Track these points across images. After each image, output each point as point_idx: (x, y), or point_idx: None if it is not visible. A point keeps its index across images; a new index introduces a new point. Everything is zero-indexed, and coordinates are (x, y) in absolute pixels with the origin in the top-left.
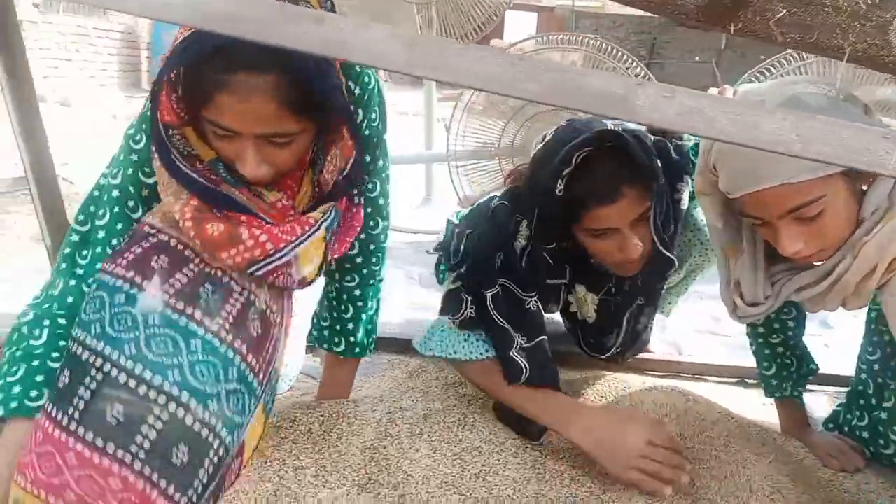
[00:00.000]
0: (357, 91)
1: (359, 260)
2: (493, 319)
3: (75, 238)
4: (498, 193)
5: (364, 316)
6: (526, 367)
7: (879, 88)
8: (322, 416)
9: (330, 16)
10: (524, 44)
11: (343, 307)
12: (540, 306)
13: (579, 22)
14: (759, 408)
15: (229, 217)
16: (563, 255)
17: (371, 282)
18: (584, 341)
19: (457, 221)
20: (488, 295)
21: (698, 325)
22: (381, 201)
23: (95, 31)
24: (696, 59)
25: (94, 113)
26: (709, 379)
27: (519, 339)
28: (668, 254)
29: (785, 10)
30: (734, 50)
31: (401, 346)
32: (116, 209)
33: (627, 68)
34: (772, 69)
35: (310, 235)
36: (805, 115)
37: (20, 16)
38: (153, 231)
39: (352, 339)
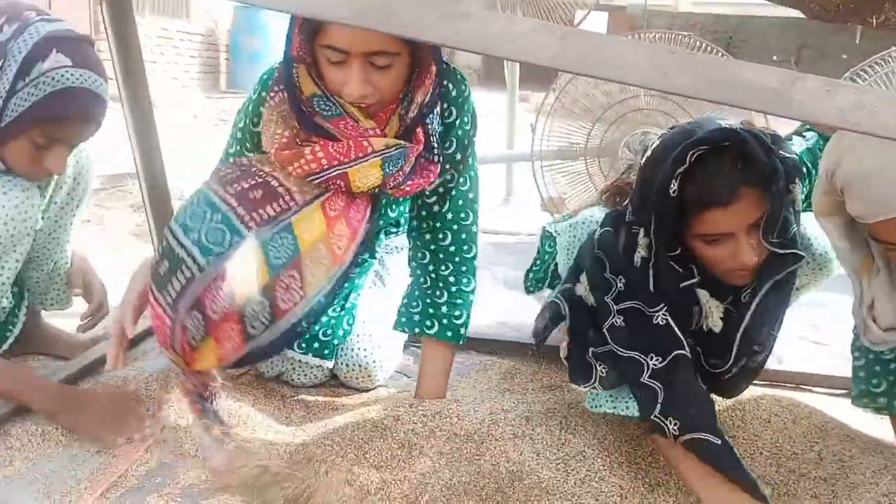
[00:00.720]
0: (454, 93)
1: (452, 248)
2: (616, 352)
3: None
4: (593, 216)
5: (458, 301)
6: (660, 390)
7: None
8: (425, 415)
9: (476, 12)
10: None
11: (438, 292)
12: (670, 320)
13: (652, 21)
14: (869, 421)
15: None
16: (686, 259)
17: (464, 269)
18: (705, 359)
19: (553, 231)
20: (605, 328)
21: (797, 332)
22: (471, 195)
23: (178, 34)
24: (774, 58)
25: (176, 114)
26: (814, 389)
27: (650, 362)
28: (793, 251)
29: None
30: (814, 49)
31: (492, 346)
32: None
33: None
34: (861, 74)
35: (361, 160)
36: None
37: (106, 16)
38: (261, 173)
39: (444, 321)
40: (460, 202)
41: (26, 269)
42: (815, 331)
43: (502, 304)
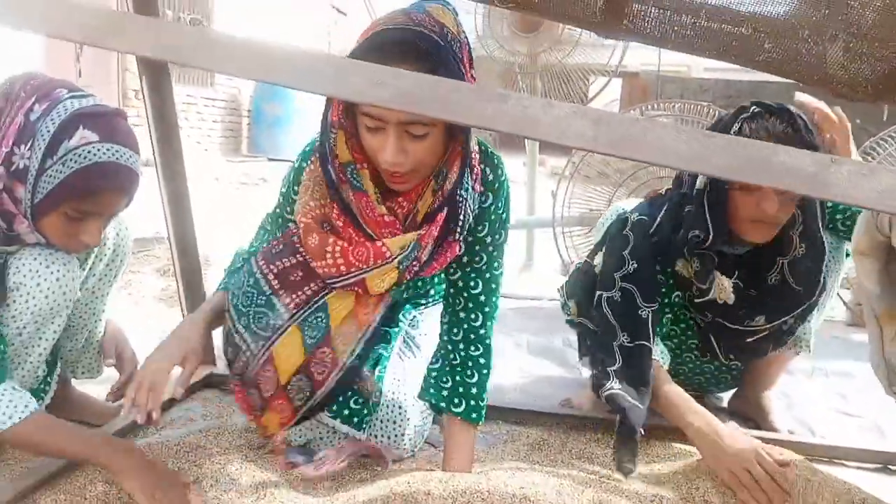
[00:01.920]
0: (491, 177)
1: (482, 331)
2: (605, 315)
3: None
4: (622, 206)
5: (484, 382)
6: (620, 359)
7: None
8: (455, 490)
9: (514, 94)
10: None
11: (469, 373)
12: (651, 317)
13: (664, 87)
14: None
15: (331, 227)
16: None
17: (490, 351)
18: (724, 326)
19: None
20: (605, 296)
21: (826, 403)
22: (500, 280)
23: (202, 100)
24: None
25: (198, 176)
26: (848, 464)
27: (622, 337)
28: (819, 235)
29: None
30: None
31: (519, 416)
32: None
33: None
34: (881, 143)
35: (378, 267)
36: None
37: (136, 85)
38: (301, 251)
39: (472, 402)
40: (493, 285)
41: (61, 338)
42: (844, 401)
43: (525, 371)
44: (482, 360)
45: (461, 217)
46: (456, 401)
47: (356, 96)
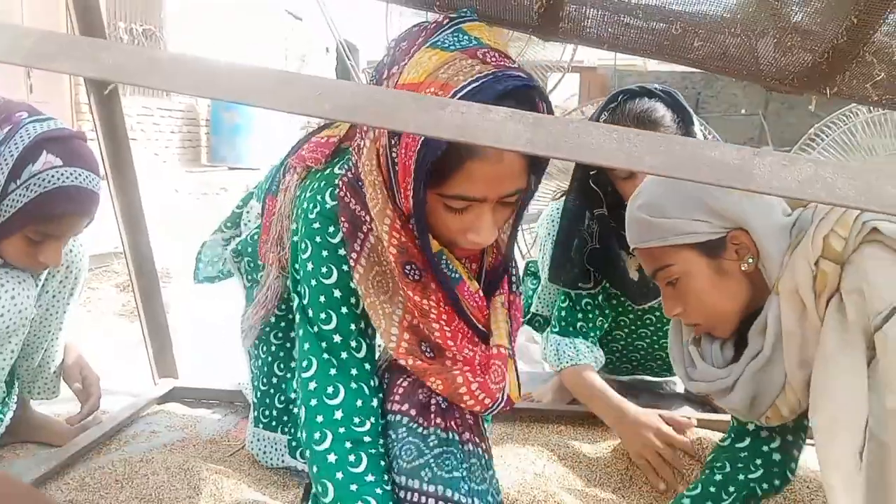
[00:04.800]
0: None
1: None
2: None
3: (316, 344)
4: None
5: None
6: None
7: None
8: None
9: (452, 101)
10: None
11: None
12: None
13: (622, 81)
14: None
15: (435, 353)
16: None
17: None
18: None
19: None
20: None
21: None
22: None
23: (159, 111)
24: (743, 111)
25: (157, 188)
26: None
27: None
28: None
29: (884, 74)
30: (781, 102)
31: None
32: (345, 310)
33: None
34: (825, 130)
35: (510, 369)
36: None
37: (93, 104)
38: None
39: None
40: None
41: (17, 358)
42: None
43: None
44: None
45: (514, 266)
46: None
47: (298, 108)
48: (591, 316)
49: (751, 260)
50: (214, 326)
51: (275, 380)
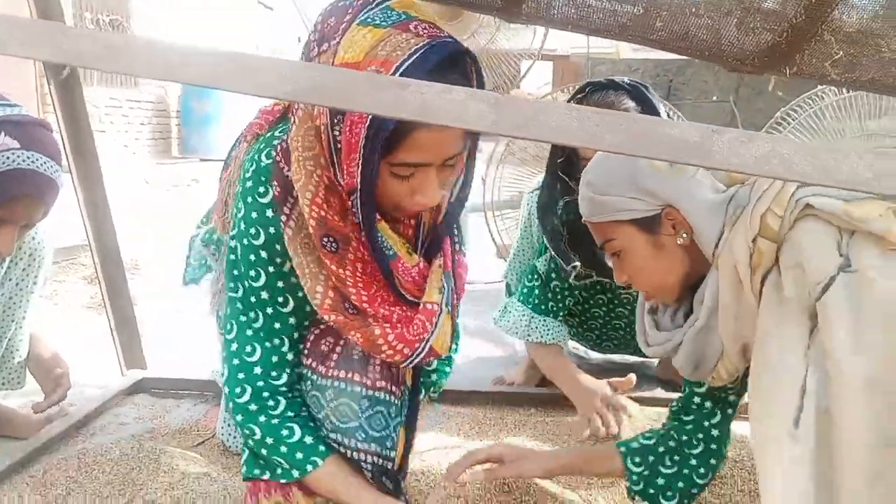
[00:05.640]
0: None
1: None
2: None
3: (237, 305)
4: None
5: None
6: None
7: None
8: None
9: (413, 81)
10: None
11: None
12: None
13: (595, 68)
14: None
15: (357, 311)
16: None
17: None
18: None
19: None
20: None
21: None
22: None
23: (128, 102)
24: (714, 98)
25: (127, 180)
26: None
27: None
28: None
29: (842, 52)
30: (752, 88)
31: (454, 397)
32: (272, 268)
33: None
34: (791, 114)
35: (437, 325)
36: (881, 152)
37: (53, 92)
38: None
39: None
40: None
41: None
42: None
43: (461, 353)
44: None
45: (457, 227)
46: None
47: (258, 91)
48: (559, 297)
49: (685, 235)
50: (186, 317)
51: None
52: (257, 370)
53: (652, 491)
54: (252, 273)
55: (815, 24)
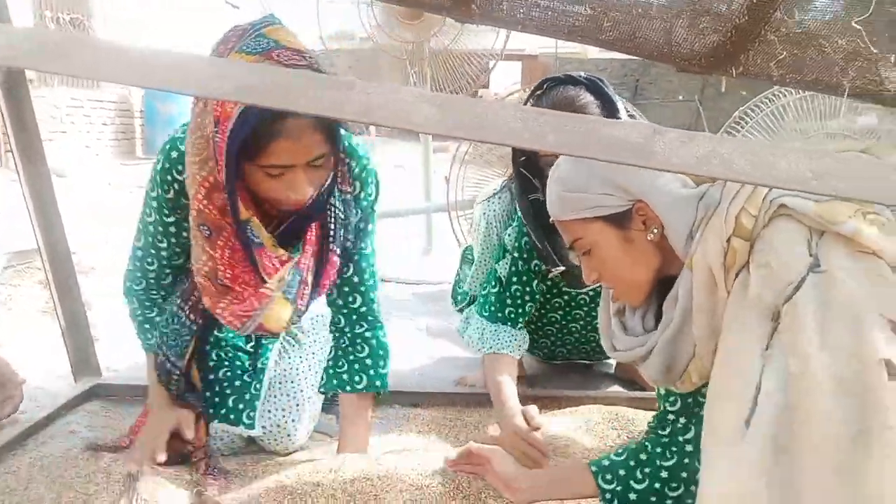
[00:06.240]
0: (357, 169)
1: (363, 309)
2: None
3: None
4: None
5: (380, 352)
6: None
7: (860, 117)
8: (345, 480)
9: (359, 81)
10: (514, 95)
11: (359, 348)
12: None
13: (563, 68)
14: None
15: (224, 280)
16: None
17: (377, 325)
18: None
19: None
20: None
21: None
22: (372, 258)
23: (90, 103)
24: (680, 97)
25: (90, 182)
26: None
27: None
28: None
29: (786, 53)
30: (717, 88)
31: (415, 398)
32: (150, 238)
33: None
34: (759, 106)
35: (266, 308)
36: (819, 152)
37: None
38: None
39: (371, 372)
40: (364, 265)
41: None
42: None
43: (425, 353)
44: (369, 334)
45: (332, 227)
46: (357, 378)
47: (199, 91)
48: (519, 302)
49: (655, 230)
50: None
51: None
52: (151, 274)
53: None
54: (160, 232)
55: (757, 24)
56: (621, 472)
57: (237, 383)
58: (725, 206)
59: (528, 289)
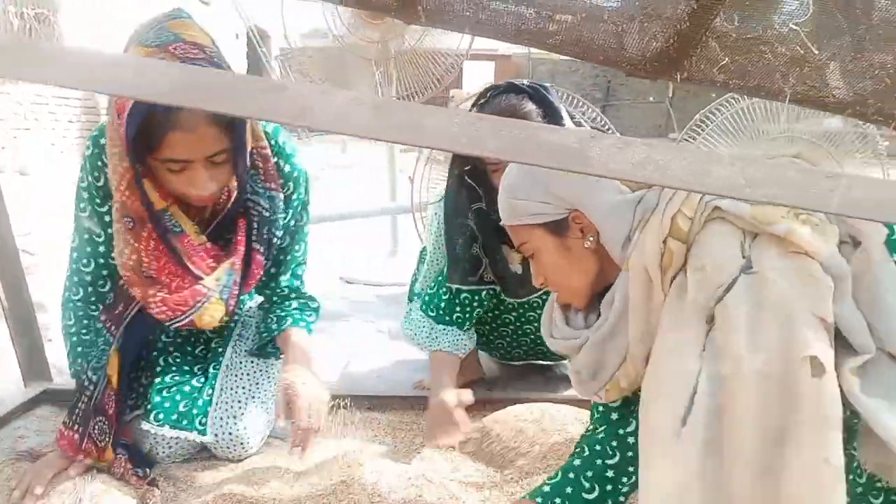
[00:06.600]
0: (287, 168)
1: (293, 295)
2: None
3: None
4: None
5: (307, 311)
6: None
7: (826, 119)
8: (298, 495)
9: (292, 84)
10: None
11: (287, 303)
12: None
13: (536, 69)
14: None
15: (151, 272)
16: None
17: (307, 311)
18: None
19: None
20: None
21: None
22: (302, 258)
23: (55, 100)
24: (651, 99)
25: (54, 180)
26: None
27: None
28: None
29: (727, 59)
30: (687, 90)
31: (373, 402)
32: (86, 236)
33: (583, 113)
34: (721, 109)
35: (201, 306)
36: (753, 159)
37: None
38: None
39: (297, 315)
40: (293, 265)
41: None
42: None
43: (385, 356)
44: (296, 306)
45: (255, 224)
46: (290, 319)
47: (127, 91)
48: (468, 308)
49: (591, 238)
50: None
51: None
52: (88, 277)
53: None
54: (82, 205)
55: (699, 30)
56: (568, 491)
57: (187, 388)
58: (662, 208)
59: (474, 296)
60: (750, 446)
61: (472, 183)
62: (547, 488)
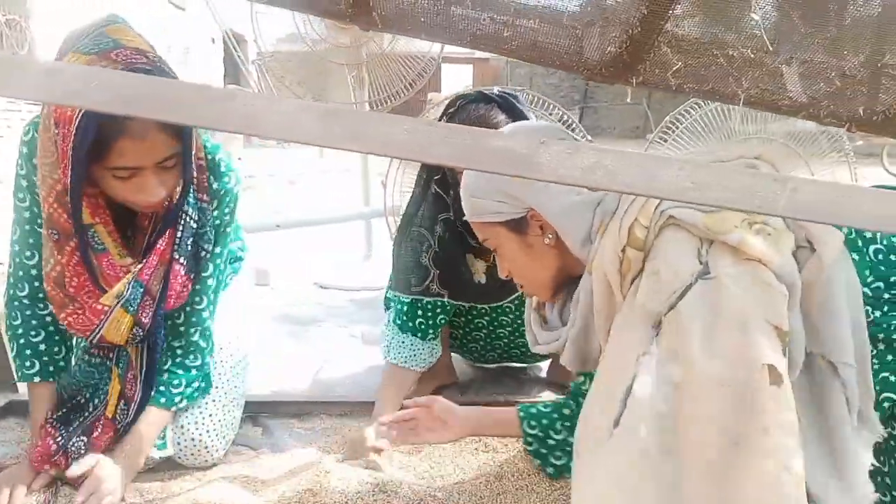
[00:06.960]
0: (216, 186)
1: (182, 328)
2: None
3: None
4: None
5: (179, 371)
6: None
7: (801, 121)
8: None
9: (241, 92)
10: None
11: (164, 359)
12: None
13: (514, 71)
14: None
15: (70, 291)
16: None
17: (192, 348)
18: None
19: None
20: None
21: None
22: (211, 281)
23: (27, 106)
24: (628, 100)
25: None
26: None
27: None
28: None
29: (681, 63)
30: (663, 93)
31: (344, 408)
32: (27, 227)
33: (558, 118)
34: (691, 110)
35: (103, 325)
36: (700, 163)
37: None
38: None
39: (161, 388)
40: (198, 287)
41: None
42: None
43: (359, 361)
44: (180, 351)
45: (180, 234)
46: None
47: (74, 101)
48: (430, 315)
49: (550, 236)
50: None
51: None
52: (33, 271)
53: (543, 451)
54: (21, 195)
55: (650, 35)
56: (545, 422)
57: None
58: (620, 215)
59: (439, 303)
60: (707, 450)
61: (441, 191)
62: (534, 410)
